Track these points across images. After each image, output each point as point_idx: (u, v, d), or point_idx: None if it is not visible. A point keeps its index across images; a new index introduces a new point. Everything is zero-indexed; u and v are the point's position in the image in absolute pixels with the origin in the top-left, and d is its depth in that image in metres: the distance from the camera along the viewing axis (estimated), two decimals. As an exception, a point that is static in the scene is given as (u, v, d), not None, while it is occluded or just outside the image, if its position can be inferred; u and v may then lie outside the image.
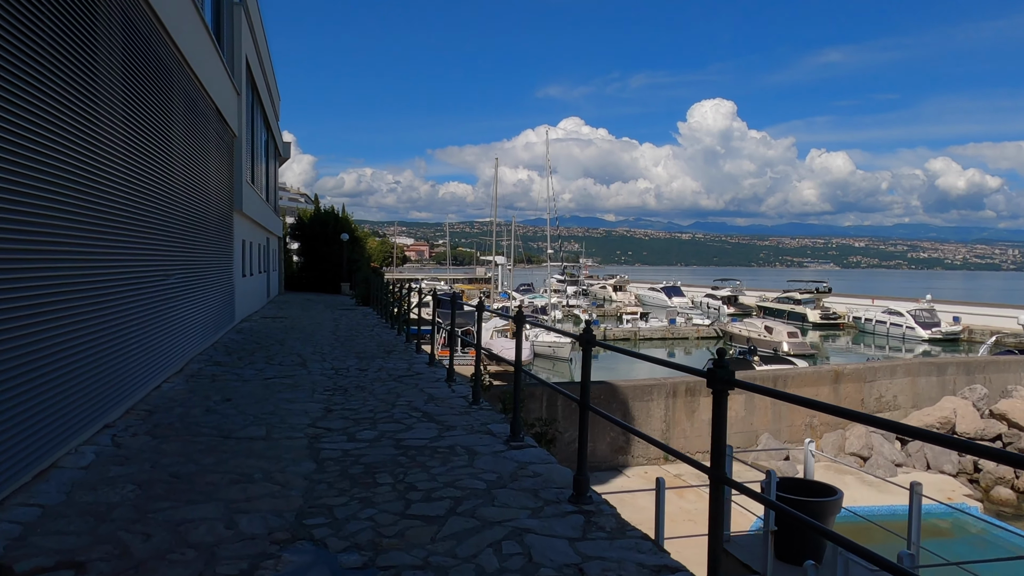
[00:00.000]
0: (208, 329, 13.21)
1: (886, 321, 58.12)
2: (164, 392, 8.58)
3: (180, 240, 10.63)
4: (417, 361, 11.82)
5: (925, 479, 18.81)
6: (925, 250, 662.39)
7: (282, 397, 8.40)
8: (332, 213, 44.83)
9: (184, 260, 10.98)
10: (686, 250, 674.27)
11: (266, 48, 25.73)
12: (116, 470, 5.32)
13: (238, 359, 11.77)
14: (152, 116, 8.69)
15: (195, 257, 12.00)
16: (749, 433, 20.80)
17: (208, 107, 13.30)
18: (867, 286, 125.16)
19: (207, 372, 10.30)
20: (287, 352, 12.77)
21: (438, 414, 7.47)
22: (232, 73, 16.98)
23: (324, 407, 7.83)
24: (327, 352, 12.86)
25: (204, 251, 13.01)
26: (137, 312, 8.15)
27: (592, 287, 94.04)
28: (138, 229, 8.16)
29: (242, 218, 19.11)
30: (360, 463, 5.59)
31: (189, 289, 11.37)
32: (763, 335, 49.20)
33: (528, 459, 5.75)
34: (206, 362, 11.28)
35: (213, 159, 14.06)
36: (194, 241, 11.84)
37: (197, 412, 7.47)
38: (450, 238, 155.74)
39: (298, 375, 10.17)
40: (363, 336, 15.86)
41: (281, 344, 13.91)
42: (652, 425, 19.48)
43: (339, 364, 11.38)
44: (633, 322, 59.83)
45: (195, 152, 11.82)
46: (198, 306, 12.24)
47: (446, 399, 8.34)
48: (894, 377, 23.83)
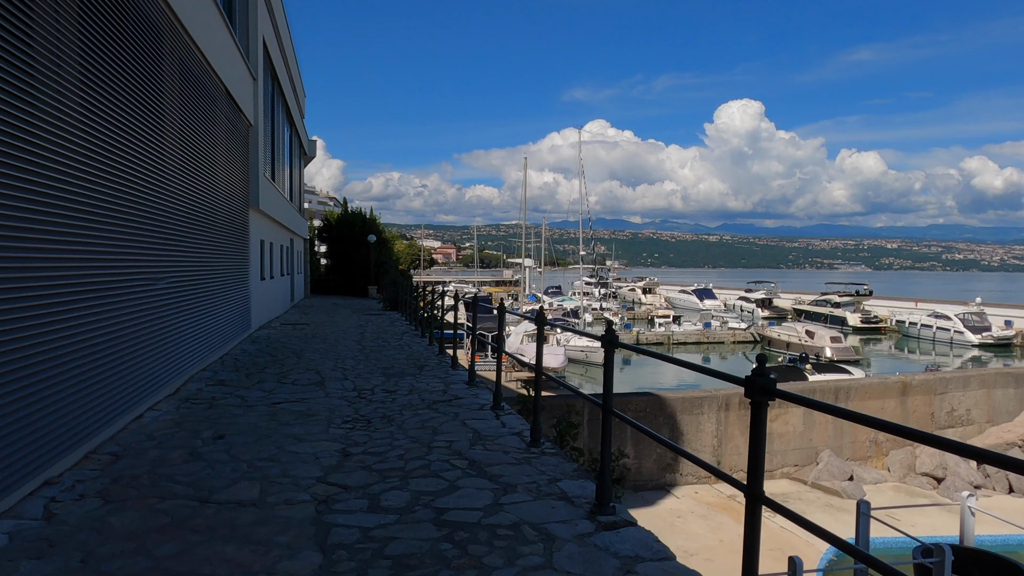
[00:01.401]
0: (215, 340, 11.58)
1: (932, 325, 55.54)
2: (144, 425, 6.89)
3: (176, 237, 8.97)
4: (454, 379, 10.05)
5: (1006, 504, 16.65)
6: (960, 251, 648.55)
7: (289, 432, 6.67)
8: (359, 214, 43.37)
9: (181, 261, 9.32)
10: (713, 252, 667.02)
11: (289, 39, 24.21)
12: (25, 568, 3.60)
13: (246, 376, 10.09)
14: (129, 77, 7.00)
15: (197, 258, 10.36)
16: (808, 450, 18.83)
17: (216, 87, 11.68)
18: (901, 288, 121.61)
19: (206, 395, 8.62)
20: (304, 367, 11.07)
21: (489, 463, 5.67)
22: (247, 56, 15.40)
23: (341, 449, 6.07)
24: (350, 367, 11.14)
25: (210, 251, 11.38)
26: (113, 326, 6.48)
27: (621, 289, 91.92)
28: (111, 219, 6.49)
29: (260, 216, 17.53)
30: (386, 555, 3.80)
31: (189, 295, 9.71)
32: (804, 340, 46.98)
33: (630, 549, 3.92)
34: (208, 381, 9.61)
35: (222, 147, 12.44)
36: (196, 239, 10.19)
37: (176, 457, 5.75)
38: (477, 241, 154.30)
39: (313, 399, 8.45)
40: (391, 347, 14.15)
41: (298, 357, 12.22)
42: (703, 441, 17.68)
43: (363, 383, 9.64)
44: (666, 325, 57.89)
45: (197, 135, 10.18)
46: (202, 314, 10.60)
47: (495, 437, 6.54)
48: (967, 389, 21.61)
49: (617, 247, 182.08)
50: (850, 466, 18.17)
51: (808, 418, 18.69)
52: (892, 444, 19.95)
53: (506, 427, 7.00)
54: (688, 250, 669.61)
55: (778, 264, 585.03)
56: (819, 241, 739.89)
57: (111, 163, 6.50)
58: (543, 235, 62.32)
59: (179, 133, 9.09)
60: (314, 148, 35.97)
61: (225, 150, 12.71)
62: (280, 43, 21.44)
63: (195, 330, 10.03)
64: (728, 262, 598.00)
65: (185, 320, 9.45)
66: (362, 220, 42.39)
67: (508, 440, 6.43)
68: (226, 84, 12.36)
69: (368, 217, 43.41)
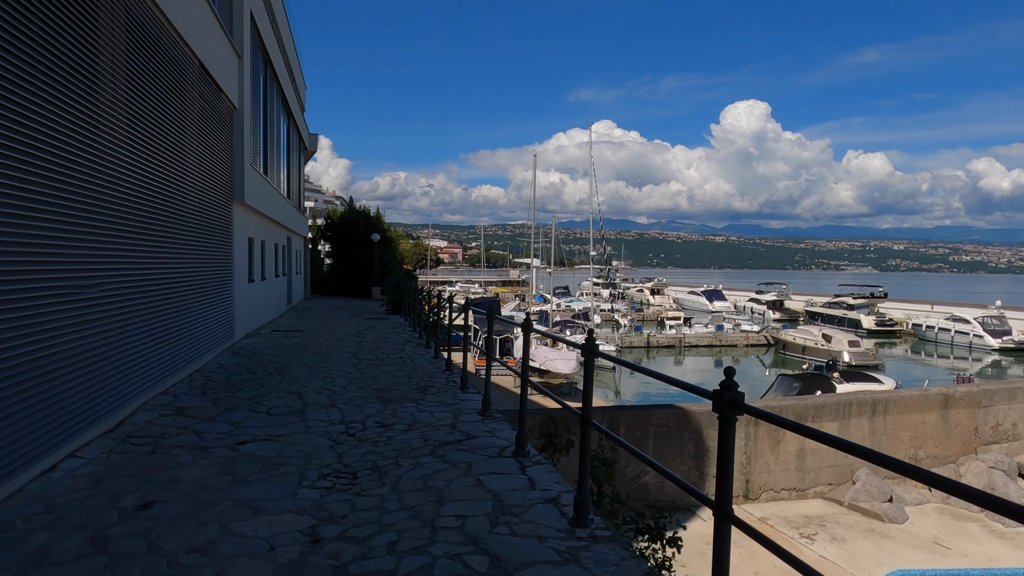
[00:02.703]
0: (182, 356, 9.83)
1: (950, 329, 53.77)
2: (50, 484, 5.11)
3: (121, 231, 7.22)
4: (464, 406, 8.26)
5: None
6: (968, 253, 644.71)
7: (244, 497, 4.88)
8: (363, 212, 41.58)
9: (130, 261, 7.57)
10: (719, 252, 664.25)
11: (286, 24, 22.48)
12: None
13: (213, 402, 8.33)
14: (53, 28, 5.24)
15: (157, 257, 8.61)
16: (843, 467, 17.13)
17: (185, 58, 9.92)
18: (909, 289, 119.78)
19: (154, 430, 6.85)
20: (286, 388, 9.30)
21: (519, 560, 3.89)
22: (230, 32, 13.66)
23: (309, 529, 4.29)
24: (340, 389, 9.36)
25: (177, 249, 9.63)
26: (22, 349, 4.76)
27: (628, 290, 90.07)
28: (14, 203, 4.75)
29: (248, 212, 15.80)
30: None
31: (142, 303, 7.96)
32: (820, 343, 45.19)
33: None
34: (163, 409, 7.84)
35: (195, 129, 10.70)
36: (154, 234, 8.45)
37: (68, 549, 3.96)
38: (484, 240, 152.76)
39: (288, 437, 6.67)
40: (391, 360, 12.37)
41: (282, 375, 10.45)
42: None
43: (353, 412, 7.87)
44: (677, 328, 56.07)
45: (155, 109, 8.43)
46: (163, 326, 8.86)
47: (524, 508, 4.74)
48: (1013, 401, 19.82)
49: (623, 247, 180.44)
50: (889, 485, 16.45)
51: (844, 431, 17.18)
52: (933, 461, 18.35)
53: (536, 487, 5.21)
54: (694, 251, 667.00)
55: (784, 265, 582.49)
56: (825, 242, 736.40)
57: (20, 125, 4.74)
58: (553, 235, 60.50)
59: (125, 102, 7.33)
60: (316, 143, 34.25)
61: (199, 132, 10.96)
62: (275, 26, 19.70)
63: (151, 345, 8.28)
64: (734, 263, 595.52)
65: (136, 334, 7.70)
66: (366, 218, 40.63)
67: (542, 513, 4.63)
68: (199, 56, 10.61)
69: (372, 215, 41.64)
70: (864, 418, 17.61)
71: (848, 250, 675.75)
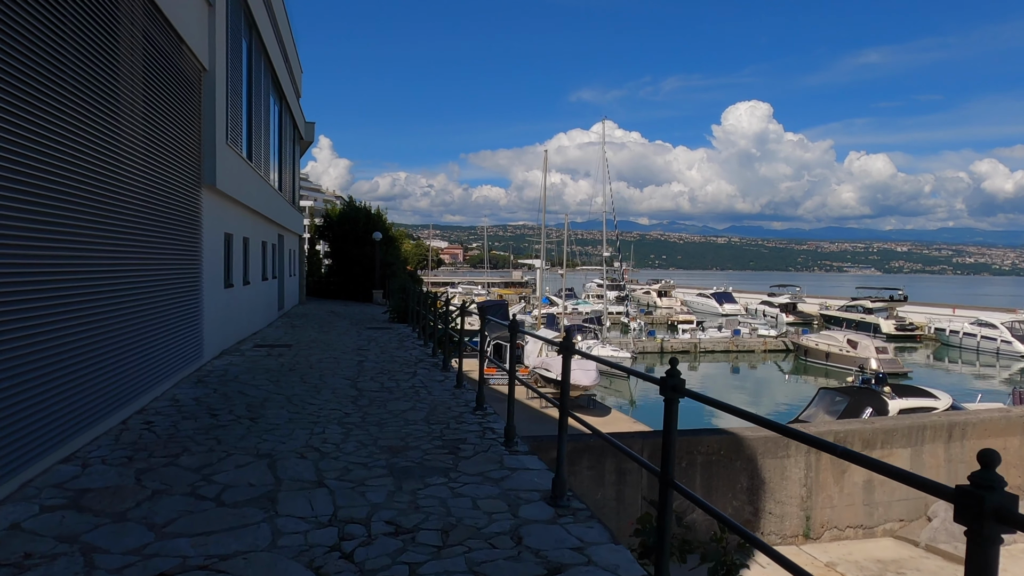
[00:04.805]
0: (111, 397, 6.92)
1: (976, 334, 51.23)
2: None
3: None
4: (520, 484, 5.35)
5: None
6: (971, 255, 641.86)
7: None
8: (364, 209, 38.63)
9: (12, 264, 4.71)
10: (721, 254, 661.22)
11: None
12: None
13: (138, 477, 5.44)
14: None
15: (61, 257, 5.74)
16: (917, 500, 14.47)
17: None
18: (913, 292, 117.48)
19: (13, 546, 4.00)
20: (254, 446, 6.40)
21: None
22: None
23: None
24: (333, 447, 6.44)
25: (108, 245, 6.76)
26: None
27: (635, 292, 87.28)
28: None
29: (224, 201, 12.94)
30: None
31: (38, 326, 5.10)
32: (845, 350, 42.47)
33: None
34: (53, 497, 4.97)
35: (140, 85, 7.82)
36: (55, 223, 5.58)
37: None
38: (486, 241, 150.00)
39: (239, 569, 3.82)
40: (401, 391, 9.46)
41: (253, 419, 7.55)
42: (789, 490, 13.72)
43: (350, 501, 4.96)
44: (691, 332, 53.29)
45: (52, 45, 5.56)
46: (78, 357, 5.97)
47: None
48: (1104, 423, 16.93)
49: (624, 249, 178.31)
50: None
51: (917, 459, 14.63)
52: (1016, 492, 15.36)
53: None
54: (696, 252, 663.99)
55: (786, 266, 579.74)
56: (828, 244, 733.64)
57: None
58: (565, 236, 57.73)
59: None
60: (313, 133, 31.42)
61: (146, 89, 8.07)
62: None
63: (56, 388, 5.40)
64: (736, 264, 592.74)
65: (27, 374, 4.82)
66: (366, 216, 37.70)
67: None
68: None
69: (373, 213, 38.71)
70: (939, 443, 14.98)
71: (851, 252, 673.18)
